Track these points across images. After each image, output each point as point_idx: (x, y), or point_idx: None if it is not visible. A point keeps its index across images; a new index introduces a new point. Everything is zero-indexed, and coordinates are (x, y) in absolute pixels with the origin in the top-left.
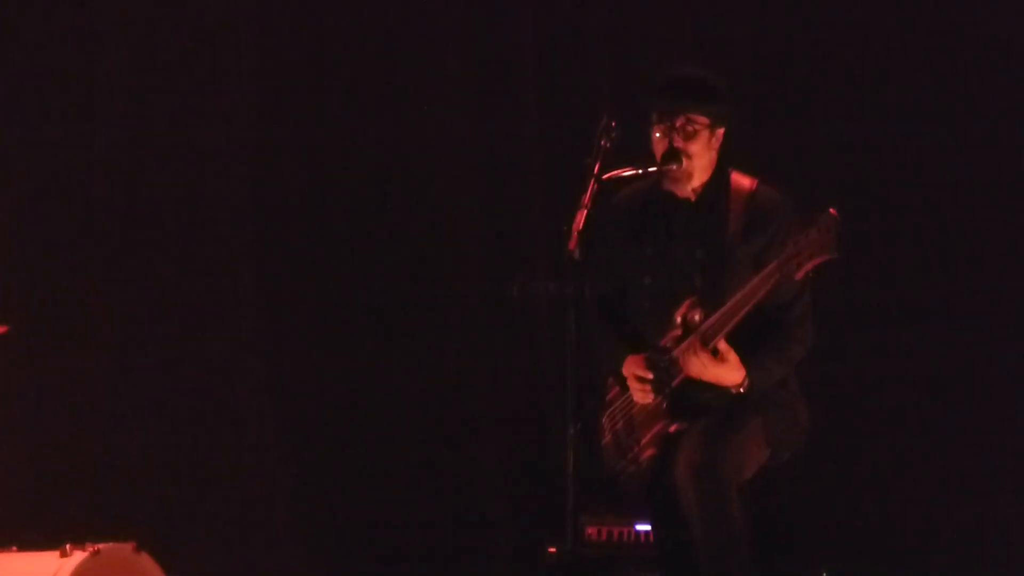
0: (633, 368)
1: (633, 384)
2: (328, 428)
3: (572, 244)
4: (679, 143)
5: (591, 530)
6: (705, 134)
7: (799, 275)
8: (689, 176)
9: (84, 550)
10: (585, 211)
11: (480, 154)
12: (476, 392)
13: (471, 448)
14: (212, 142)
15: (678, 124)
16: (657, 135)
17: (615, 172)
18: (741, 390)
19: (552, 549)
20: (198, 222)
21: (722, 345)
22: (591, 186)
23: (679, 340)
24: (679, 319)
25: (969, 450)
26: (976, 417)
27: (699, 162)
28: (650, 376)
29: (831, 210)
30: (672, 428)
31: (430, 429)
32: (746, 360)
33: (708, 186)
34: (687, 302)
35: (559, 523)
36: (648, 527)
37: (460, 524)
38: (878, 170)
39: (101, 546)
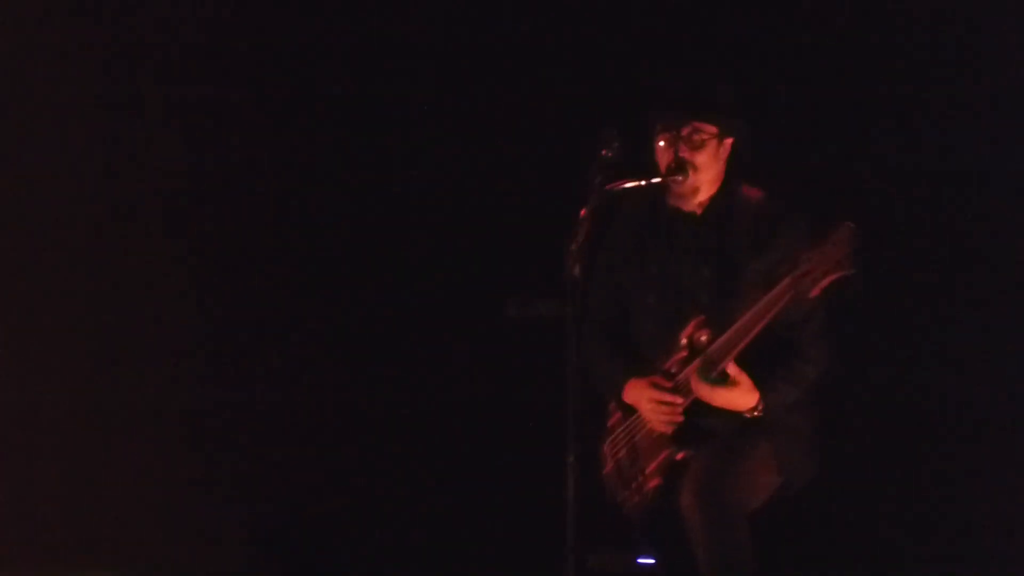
0: (648, 393)
1: (656, 408)
2: (315, 451)
3: (572, 261)
4: (685, 154)
5: (592, 563)
6: (712, 144)
7: (814, 292)
8: (695, 189)
9: None
10: (586, 226)
11: (476, 166)
12: (471, 417)
13: (465, 475)
14: (202, 150)
15: (684, 134)
16: (661, 145)
17: (617, 184)
18: (755, 414)
19: None
20: (180, 232)
21: (732, 368)
22: (592, 199)
23: (685, 363)
24: (684, 340)
25: (978, 472)
26: (985, 437)
27: (706, 174)
28: (679, 400)
29: (847, 223)
30: (679, 456)
31: (422, 455)
32: (759, 383)
33: (715, 199)
34: (693, 322)
35: (558, 556)
36: (651, 560)
37: (453, 555)
38: (894, 182)
39: None
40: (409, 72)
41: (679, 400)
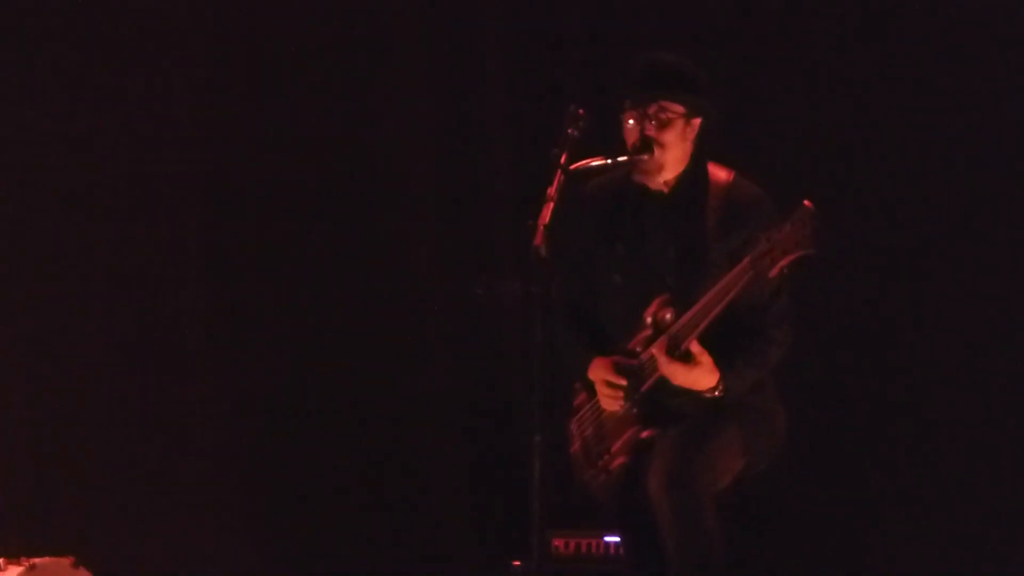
0: (601, 372)
1: (602, 389)
2: (282, 434)
3: (538, 240)
4: (651, 132)
5: (558, 542)
6: (679, 123)
7: (773, 272)
8: (661, 167)
9: (19, 564)
10: (552, 204)
11: (441, 145)
12: (438, 397)
13: (433, 456)
14: (167, 140)
15: (651, 112)
16: (629, 123)
17: (583, 163)
18: (715, 394)
19: (516, 563)
20: (147, 220)
21: (695, 347)
22: (558, 178)
23: (649, 341)
24: (649, 319)
25: (950, 455)
26: (960, 419)
27: (672, 153)
28: (621, 381)
29: (806, 202)
30: (644, 434)
31: (389, 436)
32: (720, 363)
33: (682, 178)
34: (657, 300)
35: (524, 535)
36: (617, 538)
37: (421, 536)
38: (861, 162)
39: (37, 560)
40: (371, 50)
41: (622, 381)
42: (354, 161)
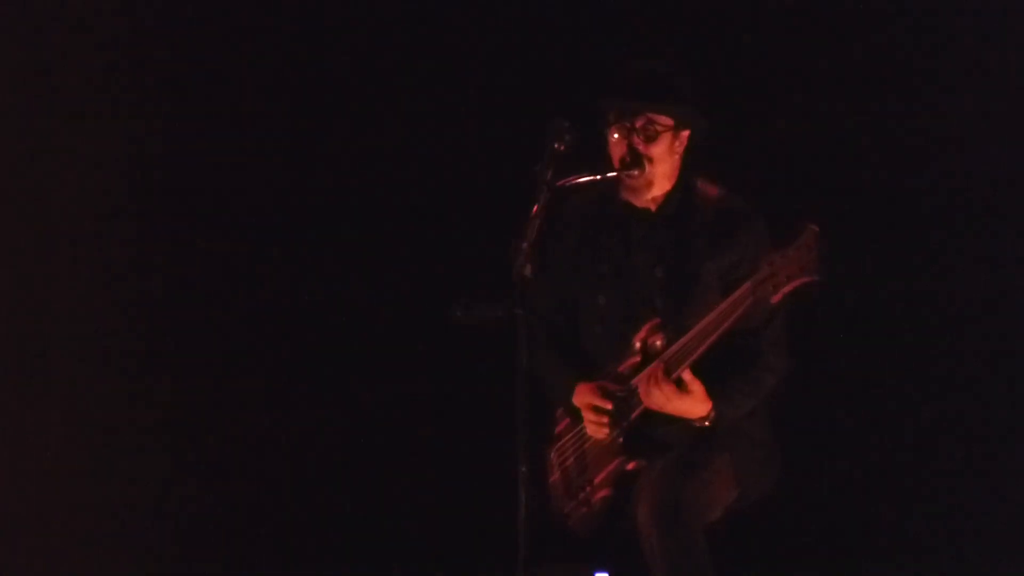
0: (587, 398)
1: (588, 415)
2: (256, 463)
3: (522, 260)
4: (639, 146)
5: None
6: (668, 137)
7: (776, 298)
8: (649, 183)
9: None
10: (536, 223)
11: (420, 160)
12: (417, 425)
13: (411, 485)
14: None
15: (638, 125)
16: (615, 137)
17: (569, 179)
18: (706, 423)
19: None
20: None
21: (687, 375)
22: (542, 195)
23: (638, 368)
24: (638, 345)
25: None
26: (970, 453)
27: (661, 168)
28: (608, 406)
29: (813, 226)
30: (629, 466)
31: (365, 467)
32: (712, 390)
33: (671, 195)
34: (647, 326)
35: (510, 571)
36: (606, 574)
37: (399, 571)
38: (858, 180)
39: None
40: (355, 67)
41: (608, 406)
42: (329, 177)
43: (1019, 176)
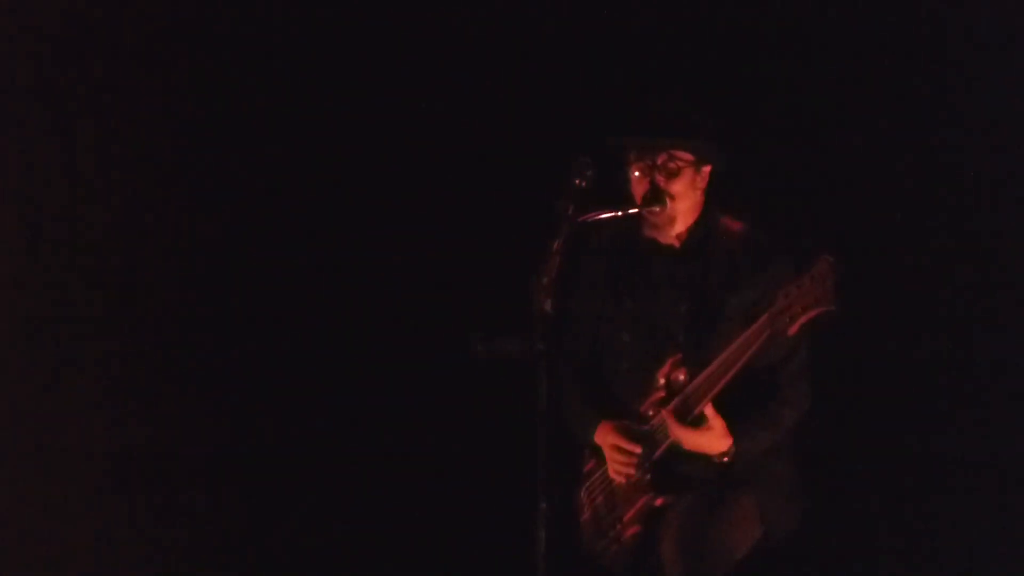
0: (610, 437)
1: (612, 455)
2: (269, 498)
3: (542, 296)
4: (661, 182)
5: None
6: (689, 172)
7: (793, 330)
8: (672, 219)
9: None
10: (557, 259)
11: (440, 195)
12: (435, 463)
13: (430, 523)
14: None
15: (659, 162)
16: (636, 174)
17: (591, 215)
18: (725, 459)
19: None
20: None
21: (709, 410)
22: (564, 231)
23: (662, 403)
24: (663, 380)
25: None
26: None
27: (683, 204)
28: (635, 449)
29: (827, 256)
30: (658, 502)
31: (385, 501)
32: (732, 426)
33: (693, 231)
34: (670, 361)
35: None
36: None
37: None
38: (881, 213)
39: None
40: (371, 100)
41: (636, 449)
42: (348, 212)
43: None
